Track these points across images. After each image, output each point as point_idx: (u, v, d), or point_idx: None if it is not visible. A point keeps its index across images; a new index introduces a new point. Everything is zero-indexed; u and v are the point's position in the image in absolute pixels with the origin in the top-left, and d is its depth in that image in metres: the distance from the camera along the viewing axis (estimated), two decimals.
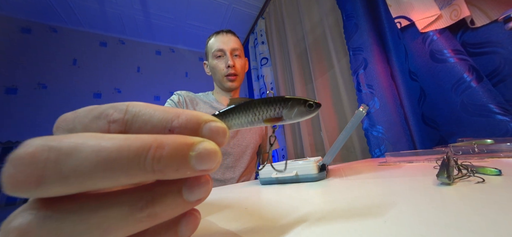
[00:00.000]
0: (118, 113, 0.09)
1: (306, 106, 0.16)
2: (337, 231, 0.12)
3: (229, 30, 0.77)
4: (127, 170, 0.08)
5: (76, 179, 0.07)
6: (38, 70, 1.60)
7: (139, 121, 0.09)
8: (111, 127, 0.09)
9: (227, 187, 0.37)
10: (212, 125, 0.10)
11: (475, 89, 0.47)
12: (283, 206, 0.19)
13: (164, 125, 0.09)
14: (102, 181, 0.08)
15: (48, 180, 0.07)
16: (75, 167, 0.07)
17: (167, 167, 0.08)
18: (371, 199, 0.17)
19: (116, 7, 1.65)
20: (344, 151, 0.94)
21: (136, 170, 0.08)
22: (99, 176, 0.07)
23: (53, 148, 0.07)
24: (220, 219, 0.17)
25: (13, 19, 1.58)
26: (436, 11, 0.53)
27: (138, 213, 0.08)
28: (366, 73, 0.72)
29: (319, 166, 0.31)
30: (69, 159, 0.07)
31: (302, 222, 0.14)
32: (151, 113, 0.10)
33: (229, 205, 0.22)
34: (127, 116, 0.09)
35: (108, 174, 0.08)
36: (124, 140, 0.08)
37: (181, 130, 0.09)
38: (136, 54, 2.04)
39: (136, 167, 0.08)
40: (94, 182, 0.08)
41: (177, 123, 0.09)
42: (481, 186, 0.17)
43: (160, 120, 0.09)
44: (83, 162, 0.07)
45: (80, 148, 0.08)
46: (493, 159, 0.30)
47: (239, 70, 0.72)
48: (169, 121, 0.09)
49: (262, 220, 0.16)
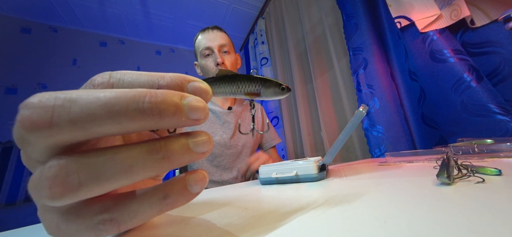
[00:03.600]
0: (102, 78, 0.10)
1: (280, 89, 0.21)
2: (337, 231, 0.12)
3: (216, 26, 0.74)
4: (127, 112, 0.09)
5: (83, 122, 0.08)
6: (38, 70, 1.60)
7: (125, 83, 0.10)
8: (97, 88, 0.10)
9: (227, 187, 0.37)
10: (195, 84, 0.11)
11: (475, 89, 0.47)
12: (283, 206, 0.19)
13: (150, 85, 0.10)
14: (107, 125, 0.09)
15: (59, 122, 0.08)
16: (80, 111, 0.08)
17: (164, 110, 0.09)
18: (371, 199, 0.17)
19: (116, 7, 1.65)
20: (344, 151, 0.94)
21: (136, 112, 0.09)
22: (102, 119, 0.08)
23: (58, 96, 0.08)
24: (219, 218, 0.17)
25: (13, 19, 1.58)
26: (436, 11, 0.53)
27: (155, 154, 0.10)
28: (366, 73, 0.72)
29: (319, 166, 0.31)
30: (74, 104, 0.08)
31: (302, 222, 0.14)
32: (137, 75, 0.11)
33: (229, 205, 0.22)
34: (112, 80, 0.10)
35: (111, 116, 0.09)
36: (121, 90, 0.09)
37: (167, 88, 0.10)
38: (136, 54, 2.04)
39: (135, 108, 0.09)
40: (99, 125, 0.09)
41: (164, 82, 0.10)
42: (481, 186, 0.17)
43: (147, 81, 0.10)
44: (86, 106, 0.08)
45: (82, 95, 0.09)
46: (493, 159, 0.29)
47: (229, 67, 0.69)
48: (156, 81, 0.10)
49: (262, 219, 0.16)
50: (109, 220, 0.10)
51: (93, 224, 0.10)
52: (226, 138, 0.69)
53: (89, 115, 0.08)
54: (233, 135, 0.71)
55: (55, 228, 0.10)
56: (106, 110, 0.08)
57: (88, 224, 0.10)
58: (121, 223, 0.10)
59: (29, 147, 0.09)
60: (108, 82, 0.10)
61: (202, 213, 0.20)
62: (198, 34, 0.73)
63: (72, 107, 0.08)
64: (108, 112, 0.08)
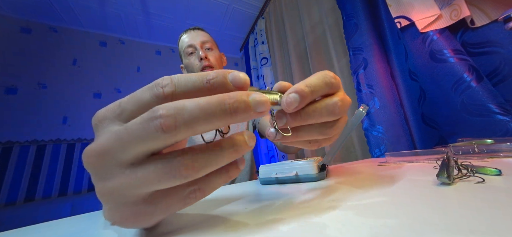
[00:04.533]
0: (167, 79, 0.12)
1: None
2: (337, 231, 0.12)
3: (197, 27, 0.75)
4: (216, 112, 0.11)
5: (192, 124, 0.11)
6: (38, 70, 1.60)
7: (182, 80, 0.12)
8: (165, 89, 0.12)
9: (226, 187, 0.37)
10: (234, 73, 0.13)
11: (475, 89, 0.47)
12: (283, 206, 0.19)
13: (201, 79, 0.13)
14: (204, 124, 0.11)
15: (179, 125, 0.11)
16: (189, 116, 0.11)
17: (239, 108, 0.12)
18: (371, 199, 0.17)
19: (116, 7, 1.65)
20: (344, 151, 0.94)
21: (221, 112, 0.11)
22: (202, 120, 0.11)
23: (176, 106, 0.11)
24: (219, 218, 0.17)
25: (13, 19, 1.58)
26: (436, 11, 0.53)
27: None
28: (366, 73, 0.72)
29: (319, 166, 0.31)
30: (184, 111, 0.11)
31: (302, 222, 0.14)
32: (189, 75, 0.13)
33: (229, 205, 0.22)
34: (174, 80, 0.12)
35: (206, 118, 0.11)
36: (209, 97, 0.12)
37: (215, 81, 0.13)
38: (136, 54, 2.04)
39: (220, 109, 0.11)
40: (200, 125, 0.11)
41: (210, 76, 0.13)
42: (481, 186, 0.17)
43: (198, 77, 0.13)
44: (192, 112, 0.11)
45: (187, 105, 0.11)
46: (493, 159, 0.29)
47: (213, 62, 0.69)
48: (204, 76, 0.13)
49: (262, 219, 0.16)
50: (198, 189, 0.13)
51: (184, 195, 0.13)
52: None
53: (195, 118, 0.11)
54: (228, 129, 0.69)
55: (134, 215, 0.13)
56: (204, 113, 0.11)
57: (179, 196, 0.13)
58: (206, 190, 0.13)
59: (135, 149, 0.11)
60: (172, 83, 0.12)
61: (202, 213, 0.20)
62: (180, 36, 0.74)
63: (184, 113, 0.11)
64: (205, 115, 0.11)
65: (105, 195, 0.12)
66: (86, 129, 1.65)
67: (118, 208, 0.13)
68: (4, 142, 1.40)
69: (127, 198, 0.12)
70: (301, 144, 0.21)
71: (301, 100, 0.16)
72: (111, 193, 0.12)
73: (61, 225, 0.22)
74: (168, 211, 0.13)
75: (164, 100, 0.12)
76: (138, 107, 0.12)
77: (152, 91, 0.12)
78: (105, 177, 0.12)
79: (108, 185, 0.12)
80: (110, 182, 0.12)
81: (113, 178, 0.12)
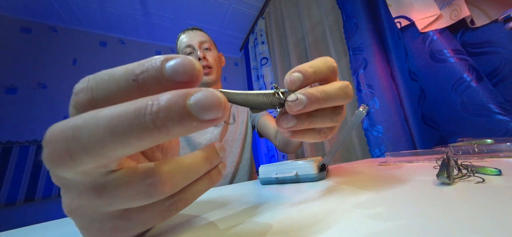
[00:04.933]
0: (82, 84, 0.10)
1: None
2: (337, 231, 0.12)
3: (195, 27, 0.74)
4: (131, 130, 0.08)
5: (94, 149, 0.08)
6: (38, 70, 1.60)
7: (103, 83, 0.10)
8: (78, 97, 0.10)
9: (226, 187, 0.37)
10: (172, 61, 0.09)
11: (475, 89, 0.47)
12: (283, 206, 0.19)
13: (127, 76, 0.09)
14: (116, 147, 0.08)
15: (76, 153, 0.08)
16: (88, 138, 0.08)
17: (169, 120, 0.08)
18: (371, 199, 0.17)
19: (116, 7, 1.65)
20: (344, 151, 0.94)
21: (139, 129, 0.08)
22: (110, 142, 0.08)
23: (67, 127, 0.08)
24: (219, 218, 0.17)
25: (13, 19, 1.58)
26: (436, 11, 0.53)
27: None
28: (366, 73, 0.72)
29: (319, 166, 0.31)
30: (82, 132, 0.08)
31: (301, 222, 0.14)
32: (111, 72, 0.10)
33: (229, 205, 0.22)
34: (90, 84, 0.10)
35: (117, 138, 0.08)
36: (121, 105, 0.08)
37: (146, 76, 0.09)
38: (136, 54, 2.04)
39: (138, 125, 0.08)
40: (110, 149, 0.08)
41: (139, 69, 0.09)
42: (481, 186, 0.17)
43: (122, 74, 0.09)
44: (92, 132, 0.08)
45: (86, 119, 0.08)
46: (493, 159, 0.29)
47: (212, 62, 0.69)
48: (132, 70, 0.09)
49: (262, 219, 0.16)
50: (179, 200, 0.12)
51: (164, 208, 0.11)
52: (217, 134, 0.68)
53: (97, 142, 0.08)
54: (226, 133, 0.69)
55: (108, 231, 0.11)
56: (111, 134, 0.08)
57: (158, 210, 0.11)
58: (189, 200, 0.12)
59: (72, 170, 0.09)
60: (87, 87, 0.09)
61: (202, 213, 0.20)
62: (179, 37, 0.73)
63: (82, 137, 0.08)
64: (112, 136, 0.08)
65: (73, 211, 0.11)
66: None
67: (90, 224, 0.11)
68: (4, 142, 1.40)
69: (98, 214, 0.11)
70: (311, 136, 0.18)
71: (304, 79, 0.15)
72: (79, 209, 0.11)
73: (61, 225, 0.22)
74: (146, 226, 0.12)
75: (83, 111, 0.09)
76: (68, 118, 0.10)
77: (72, 100, 0.10)
78: (71, 193, 0.11)
79: (75, 202, 0.10)
80: (76, 198, 0.10)
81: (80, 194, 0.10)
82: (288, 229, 0.13)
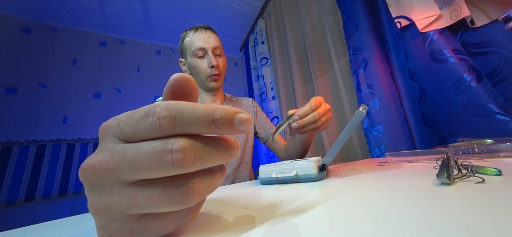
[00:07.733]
0: (165, 111, 0.11)
1: None
2: (337, 231, 0.12)
3: (208, 27, 0.72)
4: (224, 157, 0.13)
5: (205, 163, 0.12)
6: (38, 70, 1.60)
7: (185, 115, 0.11)
8: (161, 122, 0.11)
9: (226, 187, 0.37)
10: (240, 115, 0.13)
11: (475, 89, 0.47)
12: (283, 206, 0.19)
13: (207, 118, 0.12)
14: (214, 163, 0.12)
15: (197, 162, 0.11)
16: (206, 155, 0.12)
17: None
18: (371, 199, 0.17)
19: (116, 7, 1.65)
20: (344, 151, 0.94)
21: (229, 157, 0.13)
22: (214, 160, 0.12)
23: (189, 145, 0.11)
24: (219, 218, 0.17)
25: (13, 19, 1.58)
26: (436, 11, 0.53)
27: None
28: (366, 73, 0.72)
29: (319, 166, 0.31)
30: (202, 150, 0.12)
31: (301, 222, 0.14)
32: (194, 108, 0.12)
33: (228, 205, 0.22)
34: (174, 113, 0.11)
35: (218, 160, 0.12)
36: (223, 142, 0.13)
37: (221, 120, 0.12)
38: (136, 54, 2.04)
39: (229, 155, 0.13)
40: (212, 163, 0.12)
41: (217, 115, 0.12)
42: (481, 186, 0.17)
43: (204, 114, 0.12)
44: (208, 153, 0.12)
45: (206, 144, 0.12)
46: (493, 159, 0.29)
47: (222, 69, 0.69)
48: (211, 114, 0.12)
49: (262, 219, 0.16)
50: (193, 211, 0.13)
51: (181, 216, 0.13)
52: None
53: (209, 158, 0.12)
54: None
55: (126, 233, 0.12)
56: (217, 156, 0.12)
57: (174, 219, 0.13)
58: (196, 211, 0.14)
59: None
60: (171, 116, 0.11)
61: (201, 213, 0.20)
62: (189, 32, 0.70)
63: (202, 152, 0.12)
64: (217, 158, 0.12)
65: (99, 209, 0.12)
66: (86, 129, 1.65)
67: (110, 223, 0.12)
68: (4, 142, 1.40)
69: (121, 214, 0.12)
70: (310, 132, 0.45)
71: (299, 126, 0.42)
72: (104, 208, 0.12)
73: (61, 225, 0.22)
74: (160, 233, 0.13)
75: (160, 134, 0.11)
76: (135, 133, 0.11)
77: (148, 121, 0.11)
78: (101, 192, 0.12)
79: (103, 200, 0.12)
80: (106, 197, 0.12)
81: (111, 194, 0.12)
82: (288, 229, 0.13)
